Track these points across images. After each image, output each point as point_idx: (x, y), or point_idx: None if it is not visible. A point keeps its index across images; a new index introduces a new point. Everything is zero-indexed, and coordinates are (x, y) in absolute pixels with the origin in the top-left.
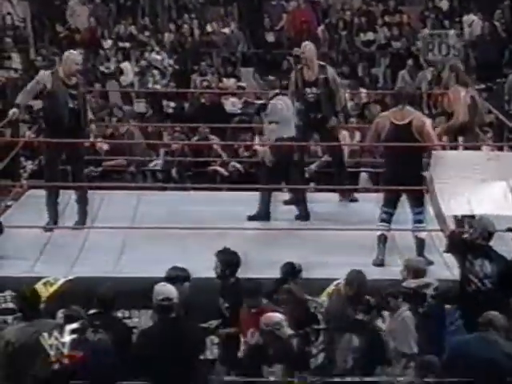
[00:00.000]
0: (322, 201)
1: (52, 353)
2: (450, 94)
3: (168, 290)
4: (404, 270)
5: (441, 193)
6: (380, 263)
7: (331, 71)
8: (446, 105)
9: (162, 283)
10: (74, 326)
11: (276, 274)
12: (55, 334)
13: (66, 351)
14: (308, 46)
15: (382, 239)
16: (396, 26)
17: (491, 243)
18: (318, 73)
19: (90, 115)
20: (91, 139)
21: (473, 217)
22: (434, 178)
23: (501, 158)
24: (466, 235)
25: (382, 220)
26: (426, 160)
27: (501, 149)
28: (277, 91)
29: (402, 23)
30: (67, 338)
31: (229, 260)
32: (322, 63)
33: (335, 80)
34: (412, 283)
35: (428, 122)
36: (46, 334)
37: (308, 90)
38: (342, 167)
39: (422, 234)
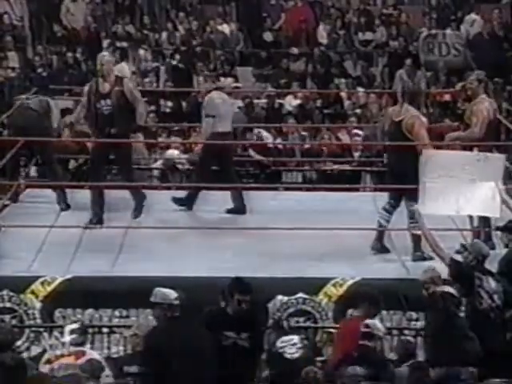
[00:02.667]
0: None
1: None
2: (474, 105)
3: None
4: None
5: (429, 191)
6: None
7: (128, 84)
8: (466, 116)
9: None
10: (74, 326)
11: (275, 273)
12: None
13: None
14: (106, 57)
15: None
16: (394, 26)
17: None
18: (113, 85)
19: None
20: None
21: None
22: (423, 176)
23: (489, 158)
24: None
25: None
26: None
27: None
28: (214, 86)
29: (400, 22)
30: (67, 338)
31: None
32: (119, 75)
33: (132, 93)
34: None
35: (418, 122)
36: None
37: (102, 102)
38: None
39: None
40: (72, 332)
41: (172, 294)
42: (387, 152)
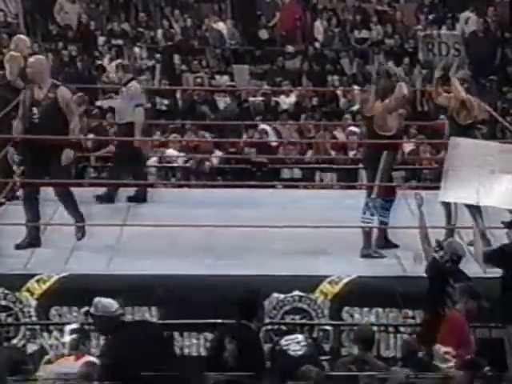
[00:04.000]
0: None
1: None
2: (475, 102)
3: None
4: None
5: (451, 179)
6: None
7: (63, 92)
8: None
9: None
10: (74, 326)
11: (271, 271)
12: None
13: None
14: (38, 61)
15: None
16: (390, 24)
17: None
18: (47, 91)
19: None
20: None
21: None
22: (448, 164)
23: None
24: (436, 258)
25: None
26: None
27: None
28: (131, 76)
29: (396, 20)
30: (67, 339)
31: None
32: (56, 82)
33: (68, 104)
34: None
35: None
36: None
37: (35, 109)
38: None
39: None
40: (72, 332)
41: (113, 304)
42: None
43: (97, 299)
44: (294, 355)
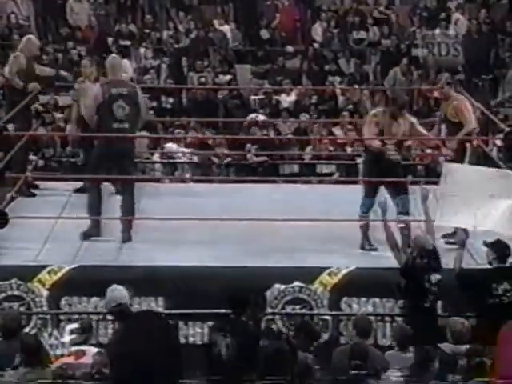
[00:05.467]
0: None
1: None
2: (456, 103)
3: (119, 294)
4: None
5: (449, 204)
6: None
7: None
8: (450, 114)
9: (113, 287)
10: (74, 326)
11: (273, 263)
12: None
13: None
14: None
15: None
16: (386, 25)
17: None
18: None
19: None
20: None
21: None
22: (444, 188)
23: (508, 176)
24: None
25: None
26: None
27: (486, 143)
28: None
29: (392, 22)
30: (67, 338)
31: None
32: None
33: None
34: None
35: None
36: None
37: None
38: None
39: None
40: (72, 332)
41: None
42: None
43: (111, 287)
44: None
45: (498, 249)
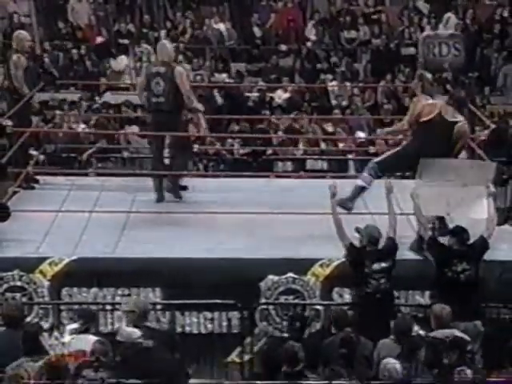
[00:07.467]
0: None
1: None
2: (414, 100)
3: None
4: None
5: (424, 195)
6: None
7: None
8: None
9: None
10: (74, 326)
11: (266, 254)
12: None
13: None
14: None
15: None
16: (376, 25)
17: None
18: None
19: None
20: None
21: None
22: (420, 180)
23: (482, 166)
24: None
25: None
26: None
27: (472, 139)
28: None
29: (382, 22)
30: (67, 338)
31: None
32: None
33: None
34: None
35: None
36: None
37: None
38: None
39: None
40: (72, 332)
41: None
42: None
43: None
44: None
45: (457, 233)
